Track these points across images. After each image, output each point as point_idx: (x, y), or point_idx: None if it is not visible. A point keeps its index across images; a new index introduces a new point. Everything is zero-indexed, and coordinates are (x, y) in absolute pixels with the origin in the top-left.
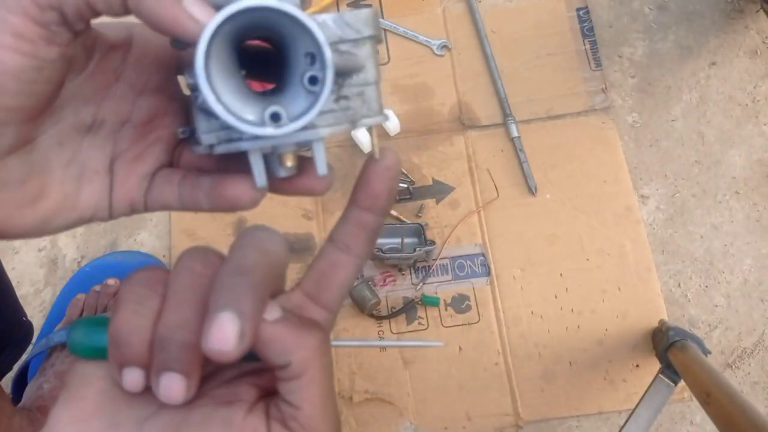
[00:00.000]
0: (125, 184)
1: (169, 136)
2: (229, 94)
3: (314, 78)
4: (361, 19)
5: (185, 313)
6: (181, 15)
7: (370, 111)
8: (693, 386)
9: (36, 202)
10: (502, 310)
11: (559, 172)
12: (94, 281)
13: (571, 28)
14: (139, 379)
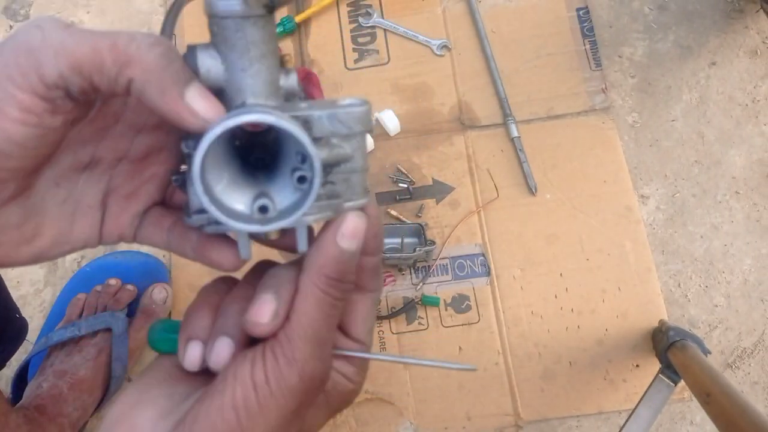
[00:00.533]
0: (117, 219)
1: (163, 172)
2: (224, 182)
3: (303, 178)
4: (354, 118)
5: (242, 292)
6: (183, 110)
7: (354, 194)
8: (693, 386)
9: (32, 241)
10: (502, 310)
11: (559, 172)
12: (94, 281)
13: (571, 28)
14: (198, 353)
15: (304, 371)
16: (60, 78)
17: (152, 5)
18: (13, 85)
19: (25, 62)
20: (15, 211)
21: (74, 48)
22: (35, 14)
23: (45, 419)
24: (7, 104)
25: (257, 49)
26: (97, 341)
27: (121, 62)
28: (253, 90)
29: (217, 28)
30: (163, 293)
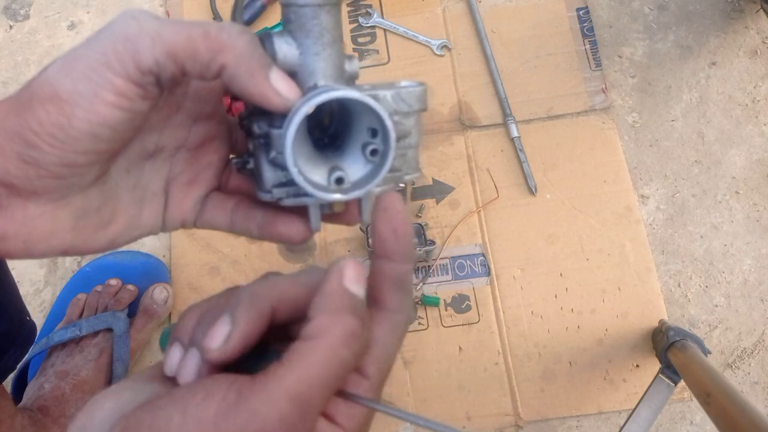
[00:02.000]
0: (180, 205)
1: (218, 160)
2: (302, 160)
3: (375, 151)
4: (415, 96)
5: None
6: (270, 91)
7: (410, 168)
8: (693, 386)
9: (108, 226)
10: (502, 310)
11: (559, 172)
12: (94, 281)
13: (571, 28)
14: (176, 358)
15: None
16: (155, 64)
17: (152, 5)
18: (111, 71)
19: (122, 49)
20: (95, 195)
21: (170, 36)
22: (35, 14)
23: (48, 420)
24: (104, 89)
25: (329, 35)
26: (99, 341)
27: (215, 49)
28: (324, 73)
29: (295, 15)
30: (164, 293)
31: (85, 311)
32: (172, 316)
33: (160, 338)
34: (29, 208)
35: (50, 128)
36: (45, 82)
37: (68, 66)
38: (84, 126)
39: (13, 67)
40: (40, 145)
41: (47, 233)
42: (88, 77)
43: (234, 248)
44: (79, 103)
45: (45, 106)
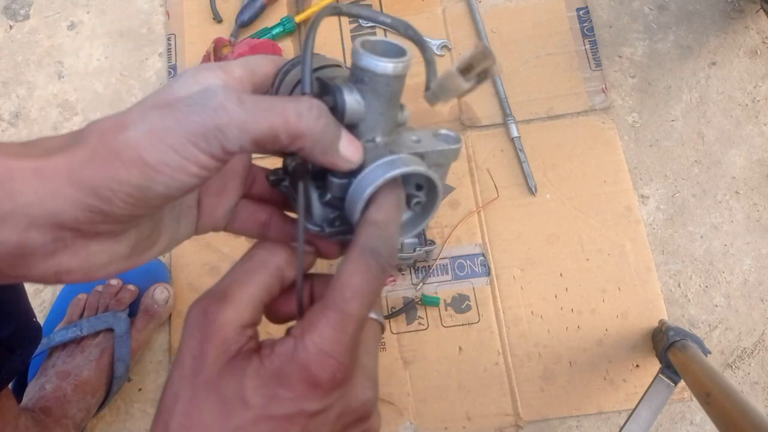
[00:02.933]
0: (212, 216)
1: (242, 168)
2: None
3: (419, 203)
4: (453, 154)
5: None
6: (340, 161)
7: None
8: (693, 386)
9: (154, 246)
10: (502, 310)
11: (559, 172)
12: (94, 281)
13: (571, 28)
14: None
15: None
16: (240, 149)
17: (152, 5)
18: (197, 149)
19: (212, 136)
20: (147, 226)
21: (254, 127)
22: (35, 14)
23: (51, 421)
24: (189, 163)
25: (395, 99)
26: (99, 341)
27: (294, 136)
28: (384, 129)
29: (369, 79)
30: (165, 293)
31: (85, 311)
32: (173, 316)
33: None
34: (91, 246)
35: (129, 189)
36: (129, 146)
37: (156, 137)
38: (162, 190)
39: (13, 67)
40: (114, 201)
41: (106, 263)
42: (176, 150)
43: (234, 248)
44: (163, 171)
45: (128, 168)
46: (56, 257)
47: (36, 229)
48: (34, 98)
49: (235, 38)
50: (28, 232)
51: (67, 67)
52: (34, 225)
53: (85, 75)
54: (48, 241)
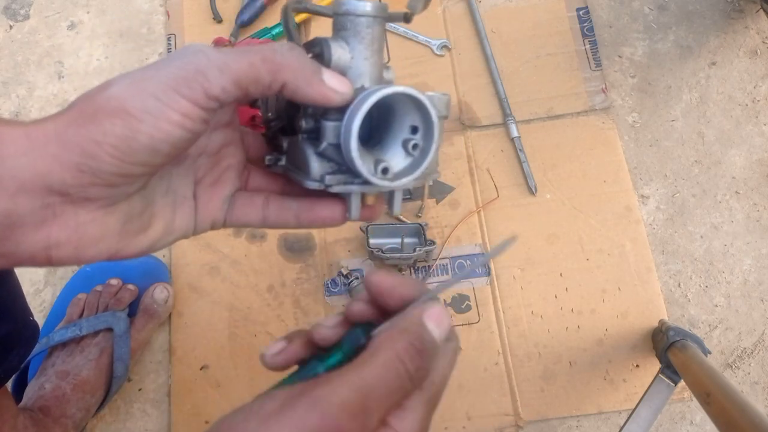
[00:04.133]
0: (208, 206)
1: (237, 162)
2: (357, 152)
3: (416, 145)
4: (444, 103)
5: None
6: (328, 91)
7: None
8: (693, 386)
9: (147, 230)
10: (502, 310)
11: (559, 172)
12: (94, 281)
13: (571, 28)
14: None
15: (323, 418)
16: (222, 91)
17: (152, 5)
18: (179, 95)
19: (192, 77)
20: (138, 201)
21: (235, 66)
22: (35, 14)
23: (50, 420)
24: (171, 109)
25: (378, 43)
26: (99, 341)
27: (274, 70)
28: (371, 76)
29: (351, 24)
30: (165, 293)
31: (85, 311)
32: (172, 315)
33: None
34: (80, 214)
35: (113, 140)
36: (111, 98)
37: (137, 85)
38: (146, 140)
39: (13, 67)
40: (100, 155)
41: (96, 238)
42: (157, 97)
43: (234, 248)
44: (145, 119)
45: (111, 119)
46: (45, 227)
47: (25, 194)
48: (34, 98)
49: (235, 38)
50: (17, 198)
51: (67, 67)
52: (23, 189)
53: (85, 75)
54: (36, 207)
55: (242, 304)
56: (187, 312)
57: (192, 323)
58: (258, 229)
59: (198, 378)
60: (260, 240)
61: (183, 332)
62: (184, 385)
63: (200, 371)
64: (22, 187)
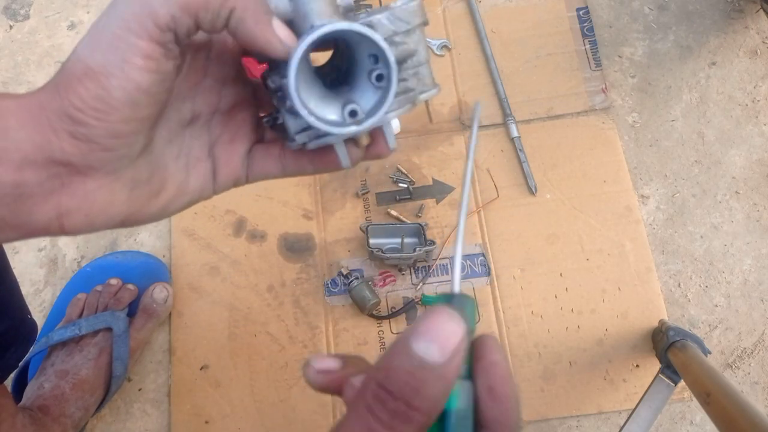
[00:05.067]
0: (229, 164)
1: (251, 116)
2: (313, 100)
3: (380, 76)
4: (410, 12)
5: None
6: (274, 38)
7: (426, 86)
8: (693, 386)
9: (159, 194)
10: (502, 310)
11: (559, 172)
12: (94, 281)
13: (571, 28)
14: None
15: None
16: (172, 20)
17: None
18: (134, 35)
19: (140, 11)
20: (144, 166)
21: None
22: (35, 14)
23: (49, 419)
24: (132, 54)
25: None
26: (98, 341)
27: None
28: (318, 12)
29: None
30: (164, 293)
31: (84, 311)
32: (172, 315)
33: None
34: (87, 183)
35: (91, 102)
36: (77, 60)
37: (94, 40)
38: (121, 94)
39: (13, 67)
40: (86, 120)
41: (106, 205)
42: (115, 46)
43: (234, 248)
44: (112, 73)
45: (82, 82)
46: (54, 197)
47: (30, 166)
48: None
49: None
50: (23, 170)
51: None
52: (28, 161)
53: None
54: (44, 178)
55: (242, 304)
56: (187, 312)
57: (192, 323)
58: (258, 228)
59: (198, 378)
60: (260, 240)
61: (183, 332)
62: (184, 385)
63: (200, 371)
64: (26, 158)
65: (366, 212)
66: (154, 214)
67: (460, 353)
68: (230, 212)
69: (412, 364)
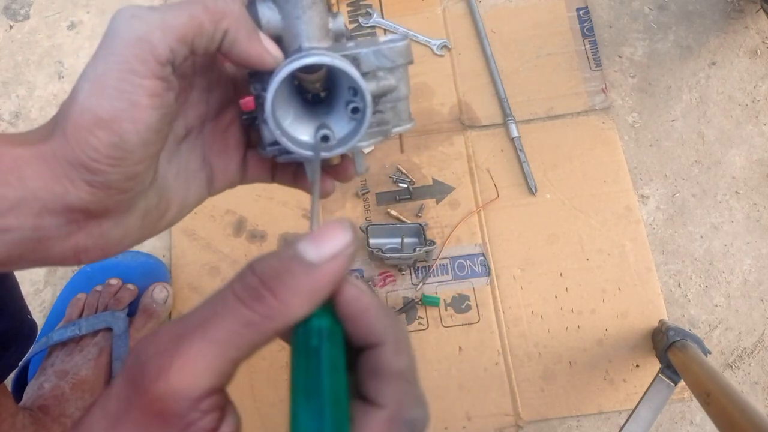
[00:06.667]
0: (226, 172)
1: (238, 116)
2: (289, 118)
3: (356, 109)
4: (396, 52)
5: None
6: (265, 53)
7: (401, 120)
8: (693, 386)
9: (165, 215)
10: (502, 310)
11: (559, 172)
12: (94, 281)
13: (571, 28)
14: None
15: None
16: (170, 53)
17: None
18: (138, 76)
19: (140, 51)
20: (153, 194)
21: (175, 22)
22: (35, 14)
23: (49, 419)
24: (138, 95)
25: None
26: (98, 341)
27: (216, 19)
28: (308, 34)
29: None
30: (164, 293)
31: (84, 311)
32: (172, 315)
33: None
34: (103, 223)
35: (105, 150)
36: (83, 111)
37: (97, 87)
38: (134, 137)
39: (13, 67)
40: (102, 169)
41: (121, 238)
42: (121, 90)
43: (234, 248)
44: (122, 118)
45: (93, 132)
46: (72, 238)
47: (49, 214)
48: (34, 98)
49: None
50: (42, 217)
51: (67, 67)
52: (46, 209)
53: None
54: (62, 224)
55: None
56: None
57: None
58: (258, 228)
59: None
60: (260, 240)
61: None
62: None
63: None
64: (44, 207)
65: (366, 212)
66: (161, 230)
67: (338, 260)
68: (230, 212)
69: (286, 254)
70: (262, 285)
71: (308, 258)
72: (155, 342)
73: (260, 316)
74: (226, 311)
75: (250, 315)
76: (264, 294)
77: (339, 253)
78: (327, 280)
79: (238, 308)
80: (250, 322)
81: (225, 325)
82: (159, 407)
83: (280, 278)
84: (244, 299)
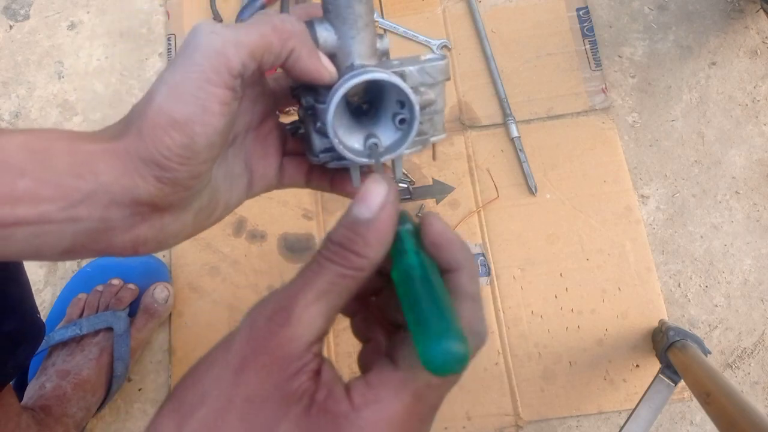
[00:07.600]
0: (265, 177)
1: (276, 125)
2: (342, 128)
3: (403, 120)
4: (438, 70)
5: None
6: (324, 70)
7: (437, 131)
8: (693, 386)
9: (212, 215)
10: (502, 310)
11: (559, 172)
12: (95, 281)
13: (571, 28)
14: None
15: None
16: (242, 67)
17: (152, 5)
18: (212, 85)
19: (217, 63)
20: (206, 194)
21: (248, 39)
22: (35, 14)
23: (51, 419)
24: (210, 102)
25: (362, 21)
26: (99, 340)
27: (284, 38)
28: (359, 53)
29: (332, 6)
30: (165, 292)
31: (85, 310)
32: (172, 315)
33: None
34: (165, 217)
35: (177, 150)
36: (160, 112)
37: (175, 91)
38: (203, 140)
39: (13, 67)
40: (172, 166)
41: (177, 232)
42: (196, 97)
43: (234, 248)
44: (195, 121)
45: (168, 132)
46: (134, 230)
47: (116, 206)
48: (34, 98)
49: None
50: (110, 209)
51: (67, 67)
52: (115, 202)
53: (85, 75)
54: (127, 215)
55: (242, 304)
56: (187, 312)
57: (192, 323)
58: (258, 228)
59: None
60: (260, 240)
61: (183, 332)
62: None
63: None
64: (113, 199)
65: None
66: (206, 228)
67: (387, 206)
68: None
69: (348, 221)
70: (341, 247)
71: (364, 217)
72: (272, 302)
73: (349, 268)
74: (323, 270)
75: (341, 269)
76: (345, 253)
77: (385, 202)
78: (386, 226)
79: (330, 266)
80: (343, 274)
81: (325, 279)
82: (283, 351)
83: (353, 239)
84: (333, 260)
